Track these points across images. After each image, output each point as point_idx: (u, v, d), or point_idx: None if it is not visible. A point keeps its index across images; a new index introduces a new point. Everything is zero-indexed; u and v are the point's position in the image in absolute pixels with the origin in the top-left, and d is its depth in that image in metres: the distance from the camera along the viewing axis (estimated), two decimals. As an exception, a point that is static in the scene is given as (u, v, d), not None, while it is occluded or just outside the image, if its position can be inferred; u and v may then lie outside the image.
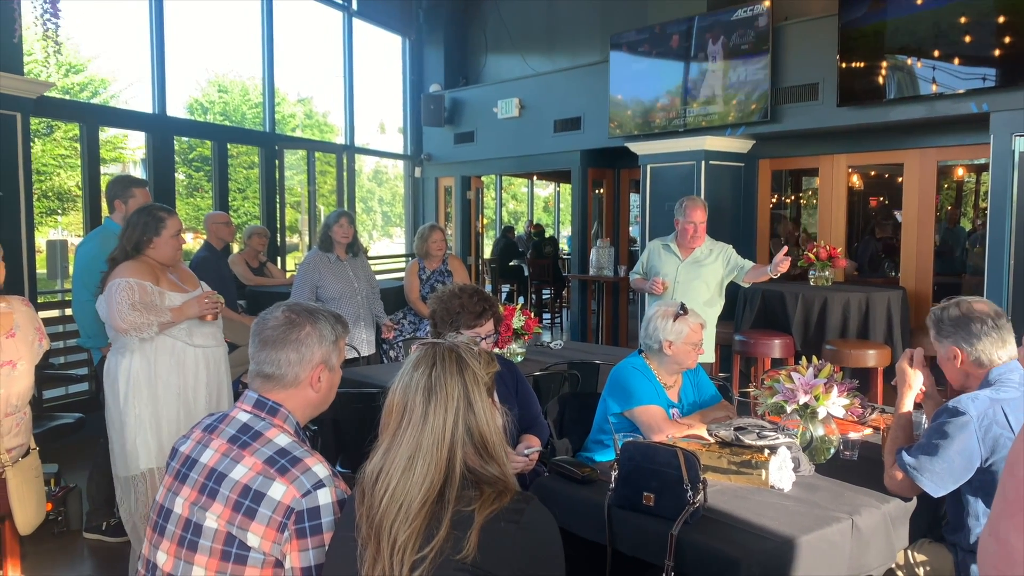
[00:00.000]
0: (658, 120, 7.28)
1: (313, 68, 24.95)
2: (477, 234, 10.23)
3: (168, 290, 3.16)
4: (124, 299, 3.00)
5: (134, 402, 3.09)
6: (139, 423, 3.10)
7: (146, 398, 3.10)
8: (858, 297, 5.54)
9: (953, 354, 2.25)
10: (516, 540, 1.38)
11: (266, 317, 1.79)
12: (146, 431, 3.10)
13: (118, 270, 3.10)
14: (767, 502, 2.15)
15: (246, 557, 1.57)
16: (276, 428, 1.70)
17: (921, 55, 5.66)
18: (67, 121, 9.19)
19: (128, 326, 3.00)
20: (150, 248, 3.17)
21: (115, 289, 3.03)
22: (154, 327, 3.05)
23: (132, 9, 10.97)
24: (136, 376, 3.09)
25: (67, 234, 18.56)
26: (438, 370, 1.50)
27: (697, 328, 2.94)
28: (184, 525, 1.62)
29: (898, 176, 6.86)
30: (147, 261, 3.17)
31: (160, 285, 3.15)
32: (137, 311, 3.01)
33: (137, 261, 3.15)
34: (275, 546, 1.56)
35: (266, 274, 6.65)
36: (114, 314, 3.01)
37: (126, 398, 3.09)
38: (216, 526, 1.58)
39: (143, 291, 3.06)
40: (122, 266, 3.12)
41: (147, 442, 3.10)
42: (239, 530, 1.57)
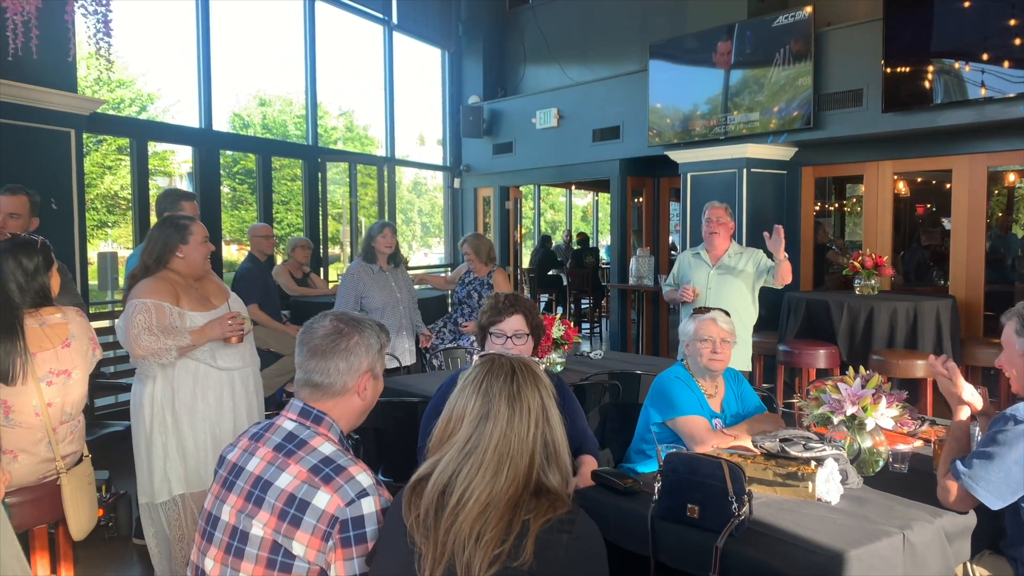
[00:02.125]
0: (698, 128, 7.23)
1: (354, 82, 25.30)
2: (515, 244, 10.25)
3: (189, 310, 3.00)
4: (140, 323, 2.86)
5: (159, 431, 3.00)
6: (166, 452, 3.01)
7: (171, 426, 3.00)
8: (906, 306, 5.41)
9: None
10: (569, 549, 1.40)
11: (313, 326, 1.81)
12: (174, 459, 3.01)
13: (136, 289, 2.96)
14: (814, 515, 2.11)
15: (291, 565, 1.59)
16: (321, 437, 1.72)
17: (969, 58, 5.54)
18: (118, 136, 9.45)
19: (144, 352, 2.85)
20: (176, 259, 3.02)
21: (131, 311, 2.89)
22: (172, 352, 2.88)
23: (178, 26, 11.26)
24: (160, 403, 2.99)
25: (116, 246, 19.06)
26: (519, 380, 1.53)
27: (707, 324, 2.90)
28: (231, 532, 1.65)
29: (946, 182, 6.70)
30: (168, 278, 3.01)
31: (181, 304, 2.98)
32: (153, 335, 2.85)
33: (156, 279, 2.98)
34: (320, 555, 1.58)
35: (310, 285, 6.74)
36: (130, 339, 2.86)
37: (151, 426, 3.00)
38: (262, 534, 1.61)
39: (160, 313, 2.90)
40: (141, 284, 2.96)
41: (176, 469, 3.02)
42: (285, 538, 1.59)
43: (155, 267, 3.00)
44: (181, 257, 3.02)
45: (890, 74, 5.92)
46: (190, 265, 3.05)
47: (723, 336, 2.91)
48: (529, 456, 1.48)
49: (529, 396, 1.52)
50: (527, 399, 1.52)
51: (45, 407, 2.60)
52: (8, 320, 2.53)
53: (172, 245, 3.01)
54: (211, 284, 3.21)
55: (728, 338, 2.92)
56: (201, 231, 3.09)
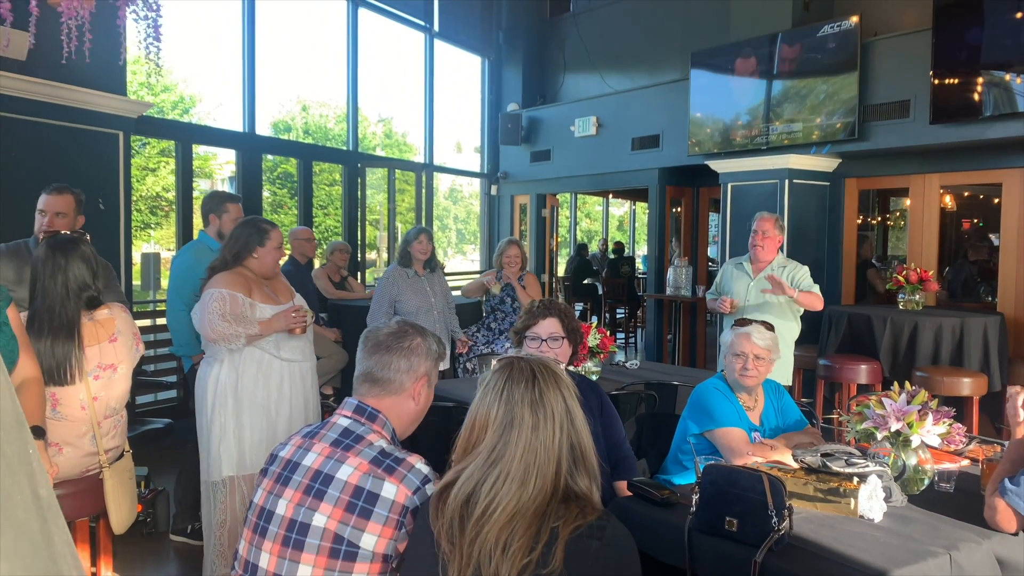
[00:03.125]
0: (739, 138, 7.15)
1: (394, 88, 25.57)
2: (551, 252, 10.23)
3: (260, 302, 3.21)
4: (215, 309, 3.07)
5: (219, 411, 3.17)
6: (223, 432, 3.17)
7: (231, 408, 3.17)
8: (951, 322, 5.28)
9: None
10: (599, 556, 1.39)
11: (379, 327, 1.89)
12: (229, 440, 3.17)
13: (214, 280, 3.18)
14: (856, 532, 2.06)
15: (355, 554, 1.61)
16: (375, 434, 1.76)
17: (1020, 70, 5.41)
18: (163, 139, 9.65)
19: (217, 336, 3.07)
20: (252, 259, 3.24)
21: (208, 299, 3.11)
22: (242, 338, 3.10)
23: (223, 31, 11.51)
24: (223, 386, 3.16)
25: (159, 247, 19.45)
26: (540, 384, 1.51)
27: (742, 339, 2.85)
28: (288, 525, 1.67)
29: (995, 196, 6.54)
30: (243, 273, 3.23)
31: (252, 297, 3.19)
32: (227, 322, 3.07)
33: (232, 272, 3.20)
34: (391, 543, 1.61)
35: (347, 288, 6.80)
36: (204, 323, 3.08)
37: (213, 406, 3.17)
38: (324, 525, 1.63)
39: (234, 302, 3.11)
40: (218, 276, 3.18)
41: (229, 450, 3.17)
42: (354, 530, 1.61)
43: (232, 262, 3.24)
44: (256, 258, 3.26)
45: (938, 85, 5.80)
46: (263, 266, 3.28)
47: (757, 352, 2.84)
48: (556, 463, 1.47)
49: (552, 400, 1.50)
50: (550, 404, 1.50)
51: (91, 401, 2.66)
52: (69, 320, 2.60)
53: (251, 246, 3.24)
54: (279, 284, 3.43)
55: (763, 355, 2.85)
56: (278, 238, 3.33)
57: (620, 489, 2.55)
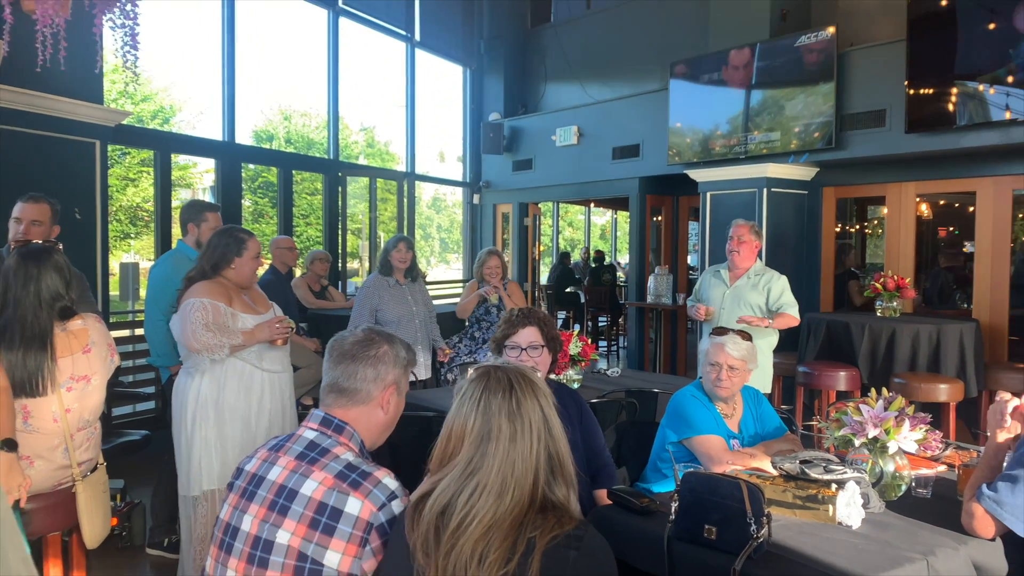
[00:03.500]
0: (718, 147, 7.21)
1: (376, 97, 25.52)
2: (534, 261, 10.24)
3: (241, 312, 3.19)
4: (198, 319, 3.04)
5: (201, 424, 3.12)
6: (205, 445, 3.13)
7: (212, 421, 3.13)
8: (928, 329, 5.34)
9: None
10: (577, 566, 1.37)
11: (345, 335, 1.84)
12: (211, 453, 3.13)
13: (193, 289, 3.15)
14: (835, 539, 2.07)
15: (320, 572, 1.58)
16: (342, 446, 1.73)
17: (993, 80, 5.49)
18: (141, 148, 9.56)
19: (201, 346, 3.04)
20: (230, 269, 3.21)
21: (190, 308, 3.07)
22: (225, 349, 3.07)
23: (203, 39, 11.42)
24: (205, 397, 3.13)
25: (138, 257, 19.28)
26: (518, 394, 1.49)
27: (717, 348, 2.87)
28: (253, 542, 1.64)
29: (970, 205, 6.63)
30: (222, 282, 3.20)
31: (233, 306, 3.17)
32: (210, 331, 3.04)
33: (212, 282, 3.17)
34: (355, 561, 1.58)
35: (327, 298, 6.77)
36: (188, 333, 3.04)
37: (193, 419, 3.13)
38: (288, 542, 1.60)
39: (217, 312, 3.09)
40: (197, 286, 3.15)
41: (211, 464, 3.13)
42: (317, 547, 1.58)
43: (211, 273, 3.21)
44: (234, 268, 3.23)
45: (913, 95, 5.88)
46: (240, 276, 3.26)
47: (731, 363, 2.85)
48: (533, 473, 1.45)
49: (530, 410, 1.49)
50: (528, 413, 1.48)
51: (64, 413, 2.62)
52: (41, 330, 2.57)
53: (228, 256, 3.22)
54: (256, 293, 3.41)
55: (737, 365, 2.85)
56: (255, 247, 3.30)
57: (600, 498, 2.55)
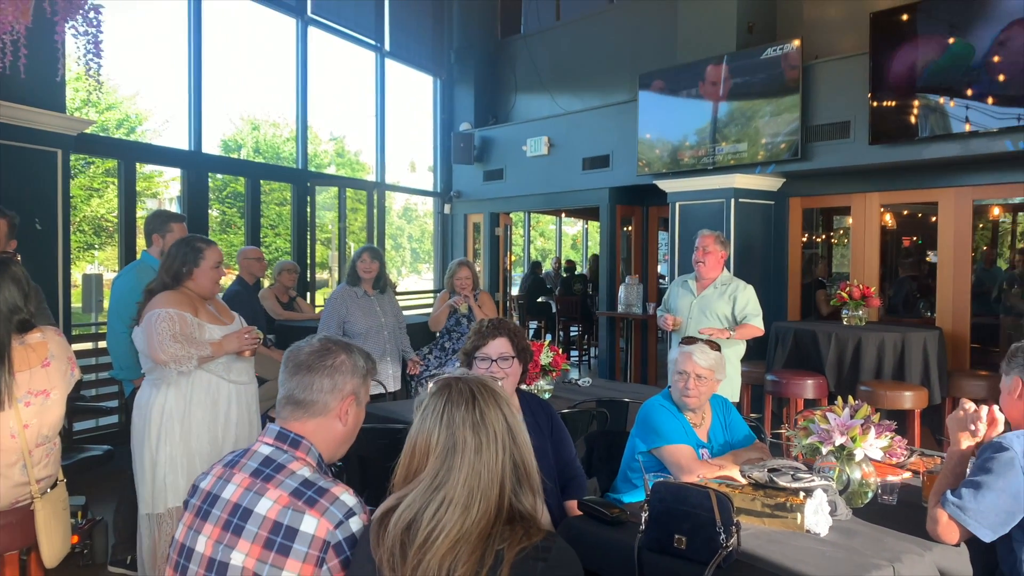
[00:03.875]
0: (687, 158, 7.28)
1: (346, 107, 25.40)
2: (505, 271, 10.24)
3: (207, 322, 3.13)
4: (165, 330, 2.97)
5: (166, 440, 3.05)
6: (170, 461, 3.05)
7: (178, 436, 3.05)
8: (893, 337, 5.42)
9: (1016, 386, 2.22)
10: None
11: (300, 345, 1.79)
12: (176, 470, 3.06)
13: (156, 300, 3.08)
14: (803, 547, 2.08)
15: None
16: (299, 461, 1.68)
17: (954, 94, 5.62)
18: (105, 158, 9.42)
19: (169, 358, 2.96)
20: (190, 280, 3.15)
21: (155, 319, 2.99)
22: (194, 360, 3.00)
23: (169, 48, 11.32)
24: (170, 412, 3.05)
25: (102, 269, 18.94)
26: (481, 404, 1.48)
27: (685, 357, 2.88)
28: (208, 565, 1.59)
29: (932, 215, 6.76)
30: (186, 292, 3.15)
31: (199, 317, 3.11)
32: (178, 342, 2.97)
33: (176, 292, 3.12)
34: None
35: (296, 309, 6.70)
36: (154, 345, 2.96)
37: (159, 434, 3.05)
38: (243, 564, 1.55)
39: (183, 322, 3.02)
40: (161, 296, 3.09)
41: (176, 480, 3.06)
42: (272, 568, 1.53)
43: (172, 284, 3.15)
44: (192, 280, 3.17)
45: (876, 107, 5.99)
46: (199, 287, 3.20)
47: (699, 372, 2.86)
48: (499, 483, 1.44)
49: (493, 420, 1.48)
50: (491, 424, 1.47)
51: (22, 429, 2.54)
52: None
53: (186, 267, 3.16)
54: (218, 304, 3.36)
55: (704, 374, 2.86)
56: (214, 257, 3.23)
57: (570, 509, 2.54)
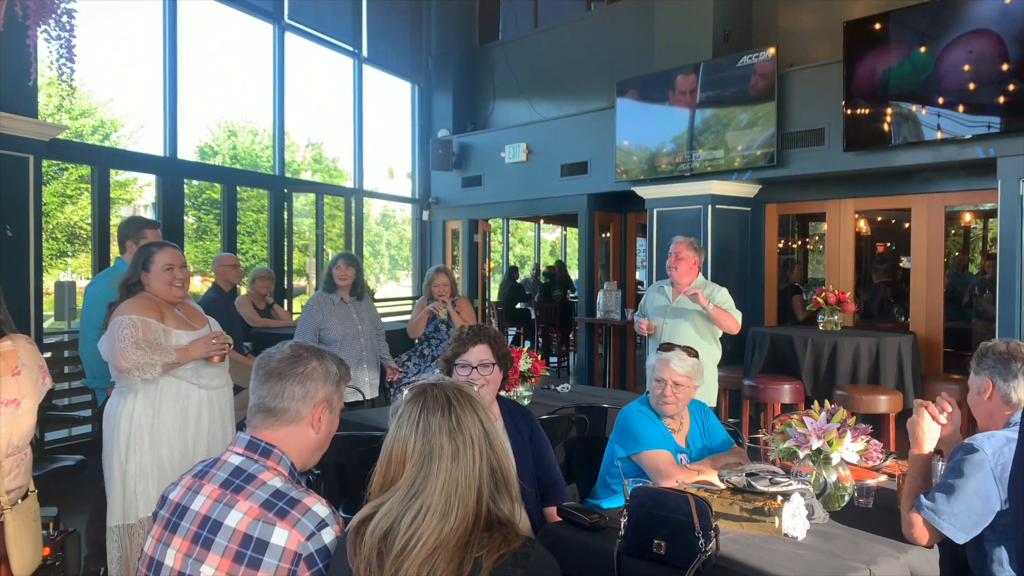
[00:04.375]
0: (664, 164, 7.32)
1: (323, 113, 25.32)
2: (484, 277, 10.24)
3: (174, 328, 3.07)
4: (127, 336, 2.91)
5: (135, 449, 2.99)
6: (140, 471, 2.99)
7: (148, 445, 3.00)
8: (868, 342, 5.48)
9: (985, 387, 2.23)
10: None
11: (271, 352, 1.76)
12: (147, 479, 3.00)
13: (122, 307, 3.03)
14: (781, 551, 2.09)
15: None
16: (270, 471, 1.64)
17: (926, 102, 5.71)
18: (78, 164, 9.30)
19: (131, 365, 2.91)
20: (145, 285, 3.10)
21: (118, 326, 2.95)
22: (158, 367, 2.94)
23: (145, 53, 11.21)
24: (139, 421, 2.99)
25: (76, 276, 18.68)
26: (457, 410, 1.47)
27: (663, 364, 2.88)
28: None
29: (905, 221, 6.86)
30: (151, 298, 3.09)
31: (166, 322, 3.05)
32: (141, 349, 2.91)
33: (140, 298, 3.07)
34: None
35: (272, 316, 6.64)
36: (116, 352, 2.91)
37: (128, 445, 2.99)
38: None
39: (147, 328, 2.97)
40: (126, 303, 3.04)
41: (147, 490, 3.00)
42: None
43: (128, 292, 3.09)
44: (146, 284, 3.09)
45: (850, 115, 6.07)
46: (156, 291, 3.12)
47: (676, 379, 2.86)
48: (477, 490, 1.43)
49: (470, 425, 1.47)
50: (468, 430, 1.46)
51: (-10, 439, 2.49)
52: None
53: (135, 273, 3.10)
54: (190, 308, 3.28)
55: (682, 381, 2.86)
56: (163, 259, 3.12)
57: (550, 515, 2.53)
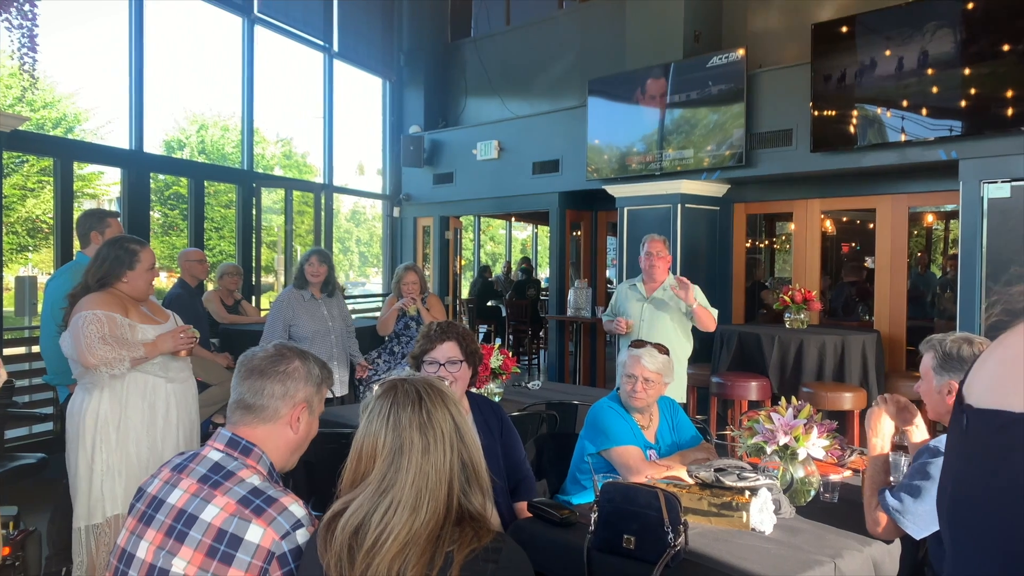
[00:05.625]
0: (634, 164, 7.36)
1: (293, 108, 25.09)
2: (455, 275, 10.21)
3: (139, 322, 3.03)
4: (93, 332, 2.86)
5: (102, 447, 2.94)
6: (108, 470, 2.95)
7: (115, 442, 2.95)
8: (834, 340, 5.57)
9: (949, 388, 2.22)
10: None
11: (255, 350, 1.77)
12: (114, 477, 2.95)
13: (83, 302, 2.97)
14: (748, 545, 2.12)
15: None
16: (249, 469, 1.64)
17: (891, 104, 5.80)
18: (40, 156, 9.10)
19: (98, 361, 2.86)
20: (122, 283, 3.04)
21: (83, 322, 2.88)
22: (126, 362, 2.90)
23: (111, 45, 11.00)
24: (105, 418, 2.94)
25: (37, 271, 18.29)
26: (428, 405, 1.47)
27: (634, 360, 2.91)
28: (148, 571, 1.54)
29: (870, 221, 6.97)
30: (115, 293, 3.04)
31: (130, 317, 3.01)
32: (108, 344, 2.87)
33: (104, 293, 3.01)
34: None
35: (241, 312, 6.56)
36: (82, 348, 2.86)
37: (95, 442, 2.94)
38: (184, 572, 1.51)
39: (112, 323, 2.92)
40: (88, 298, 2.98)
41: (113, 488, 2.95)
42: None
43: (96, 288, 3.01)
44: (126, 282, 3.05)
45: (817, 116, 6.15)
46: (134, 290, 3.08)
47: (647, 375, 2.89)
48: (448, 483, 1.43)
49: (441, 420, 1.47)
50: (439, 424, 1.46)
51: (-53, 437, 2.44)
52: None
53: (118, 270, 3.04)
54: (151, 303, 3.25)
55: (652, 377, 2.89)
56: (149, 259, 3.13)
57: (520, 511, 2.54)
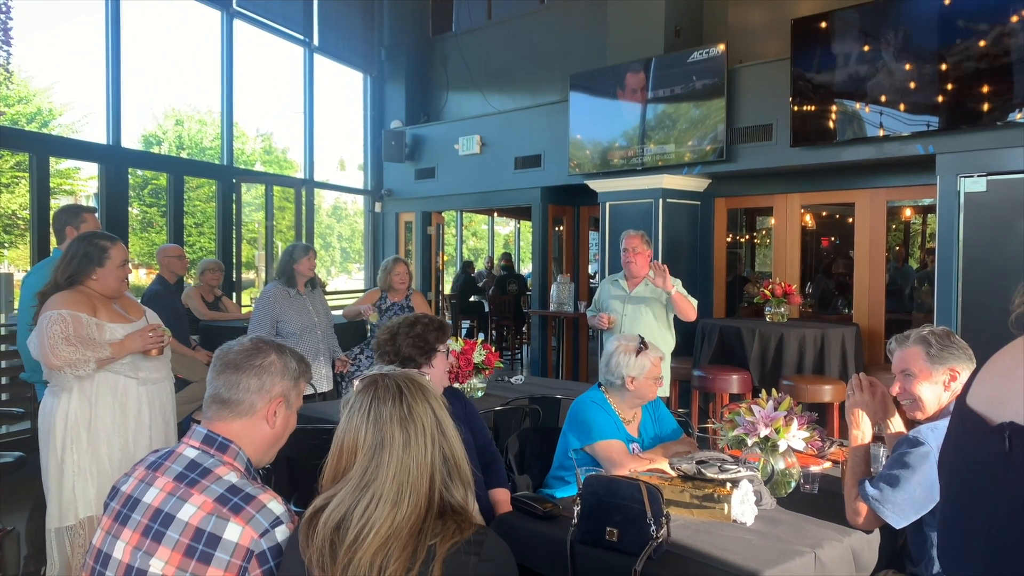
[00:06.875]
0: (616, 159, 7.38)
1: (274, 103, 24.89)
2: (438, 270, 10.20)
3: (108, 321, 2.94)
4: (56, 332, 2.77)
5: (72, 448, 2.89)
6: (79, 471, 2.89)
7: (85, 443, 2.89)
8: (813, 333, 5.63)
9: (951, 376, 2.21)
10: (478, 571, 1.37)
11: (232, 344, 1.74)
12: (86, 478, 2.90)
13: (51, 301, 2.89)
14: (730, 536, 2.14)
15: None
16: (226, 466, 1.62)
17: (869, 100, 5.85)
18: (15, 151, 8.97)
19: (61, 362, 2.77)
20: (92, 280, 2.96)
21: (46, 322, 2.80)
22: (91, 363, 2.81)
23: (88, 38, 10.85)
24: (75, 419, 2.88)
25: (12, 268, 18.05)
26: (408, 399, 1.47)
27: (657, 362, 2.95)
28: (125, 572, 1.53)
29: (849, 216, 7.04)
30: (83, 291, 2.95)
31: (99, 316, 2.92)
32: (72, 345, 2.77)
33: (72, 291, 2.92)
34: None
35: (221, 308, 6.52)
36: (46, 350, 2.77)
37: (64, 444, 2.89)
38: (162, 572, 1.49)
39: (78, 323, 2.84)
40: (55, 297, 2.89)
41: (86, 489, 2.90)
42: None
43: (66, 286, 2.93)
44: (95, 280, 2.97)
45: (797, 111, 6.20)
46: (104, 288, 3.00)
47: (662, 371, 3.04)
48: (429, 477, 1.43)
49: (422, 414, 1.47)
50: (419, 418, 1.46)
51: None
52: None
53: (87, 267, 2.96)
54: (126, 300, 3.17)
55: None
56: (120, 255, 3.04)
57: (495, 498, 2.54)
